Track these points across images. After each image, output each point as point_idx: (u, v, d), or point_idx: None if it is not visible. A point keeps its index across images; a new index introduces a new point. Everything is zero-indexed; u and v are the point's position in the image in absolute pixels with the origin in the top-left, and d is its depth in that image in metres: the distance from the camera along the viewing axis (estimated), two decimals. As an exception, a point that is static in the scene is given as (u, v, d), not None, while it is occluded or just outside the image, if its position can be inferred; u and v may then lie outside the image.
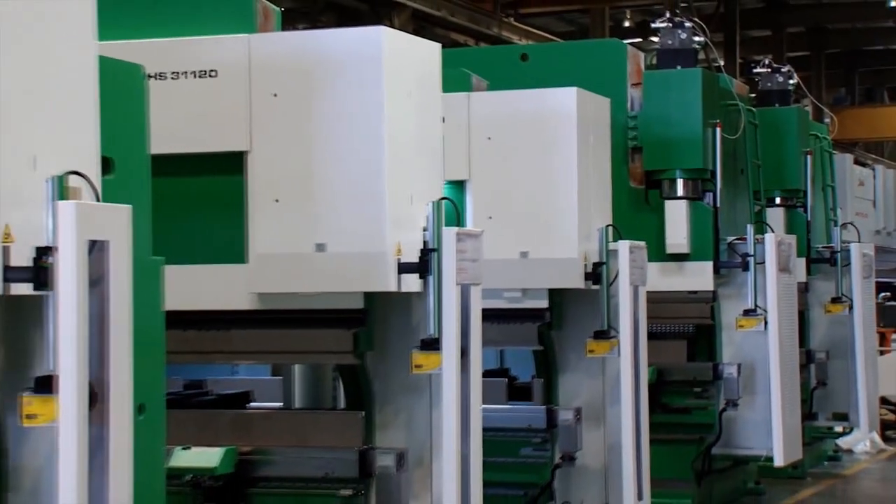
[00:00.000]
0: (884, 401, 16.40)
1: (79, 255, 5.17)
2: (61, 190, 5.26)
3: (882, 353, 16.34)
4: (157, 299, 6.05)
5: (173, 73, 7.53)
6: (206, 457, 7.39)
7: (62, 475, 5.15)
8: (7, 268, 5.10)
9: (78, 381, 5.13)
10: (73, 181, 5.31)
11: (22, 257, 5.18)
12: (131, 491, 5.44)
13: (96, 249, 5.29)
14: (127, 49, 6.53)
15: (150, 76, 6.44)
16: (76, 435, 5.14)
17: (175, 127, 7.11)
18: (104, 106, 5.65)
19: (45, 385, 5.14)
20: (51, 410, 5.13)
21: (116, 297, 5.36)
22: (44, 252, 5.19)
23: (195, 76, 7.58)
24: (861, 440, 15.62)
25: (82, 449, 5.16)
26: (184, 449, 7.37)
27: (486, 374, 8.54)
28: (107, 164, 5.70)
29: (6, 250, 5.11)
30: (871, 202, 18.65)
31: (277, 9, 8.04)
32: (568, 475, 9.97)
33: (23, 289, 5.16)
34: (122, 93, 6.01)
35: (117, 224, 5.41)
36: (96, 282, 5.27)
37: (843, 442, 15.78)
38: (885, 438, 16.50)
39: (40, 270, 5.17)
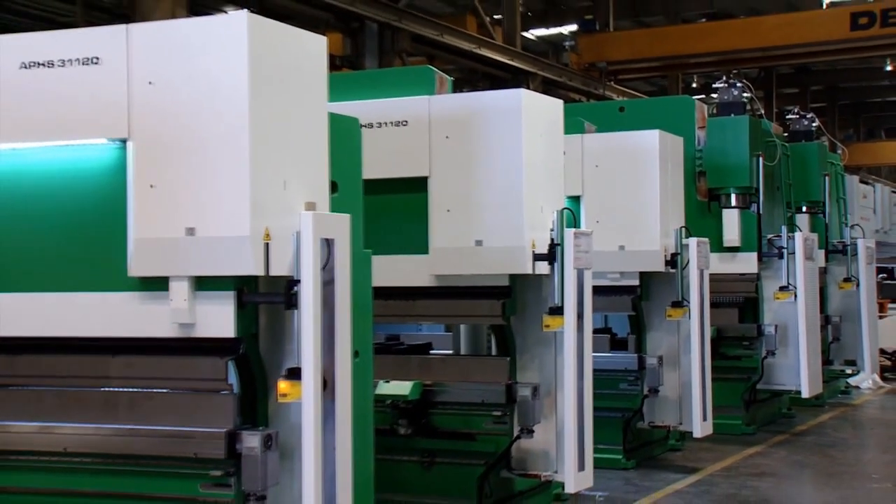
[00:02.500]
0: (882, 351, 16.18)
1: (315, 248, 5.37)
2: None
3: (881, 317, 16.08)
4: (367, 279, 6.16)
5: (378, 123, 7.59)
6: (400, 387, 7.50)
7: (304, 432, 5.33)
8: (268, 263, 5.29)
9: (315, 373, 5.32)
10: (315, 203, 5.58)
11: (280, 251, 5.35)
12: (350, 441, 5.57)
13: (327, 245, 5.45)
14: (348, 108, 6.63)
15: (362, 126, 6.57)
16: (313, 408, 5.33)
17: (379, 160, 7.09)
18: (332, 145, 5.86)
19: (294, 375, 5.31)
20: (297, 392, 5.31)
21: (340, 277, 5.54)
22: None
23: (393, 125, 7.66)
24: (865, 379, 15.35)
25: (318, 418, 5.35)
26: (385, 382, 7.47)
27: (595, 331, 8.51)
28: (334, 186, 5.90)
29: (267, 247, 5.28)
30: (871, 209, 18.39)
31: (450, 78, 8.15)
32: (653, 403, 9.97)
33: (282, 271, 5.36)
34: (343, 137, 6.11)
35: (340, 227, 5.62)
36: (327, 267, 5.43)
37: (852, 381, 15.51)
38: (884, 378, 16.25)
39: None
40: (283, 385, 5.31)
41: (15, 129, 5.74)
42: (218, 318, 5.38)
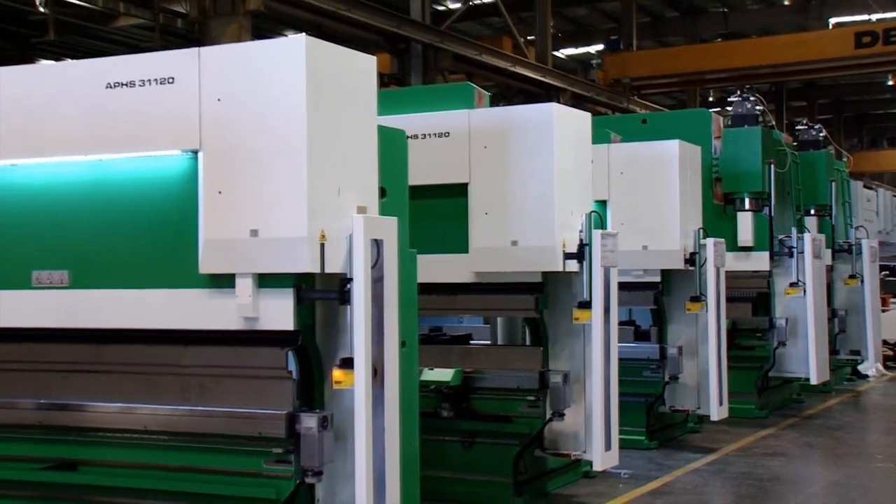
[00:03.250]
0: (885, 342, 16.01)
1: (366, 248, 5.41)
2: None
3: (884, 311, 15.92)
4: (413, 276, 6.17)
5: (422, 134, 7.60)
6: (443, 374, 7.52)
7: (356, 415, 5.38)
8: (324, 262, 5.32)
9: (365, 363, 5.36)
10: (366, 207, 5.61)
11: (335, 251, 5.38)
12: (397, 423, 5.61)
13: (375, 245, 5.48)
14: (395, 121, 6.63)
15: (408, 137, 6.59)
16: (364, 394, 5.37)
17: (424, 168, 7.05)
18: (381, 155, 5.88)
19: (347, 364, 5.35)
20: (350, 379, 5.35)
21: (388, 274, 5.57)
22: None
23: (436, 136, 7.67)
24: (869, 368, 15.16)
25: (368, 403, 5.39)
26: (429, 369, 7.48)
27: (621, 323, 8.45)
28: (382, 192, 5.91)
29: (322, 247, 5.31)
30: (874, 212, 18.23)
31: (487, 93, 8.14)
32: (673, 389, 9.91)
33: (336, 269, 5.38)
34: (391, 147, 6.13)
35: (388, 229, 5.64)
36: (376, 265, 5.45)
37: (858, 368, 15.38)
38: (886, 367, 16.07)
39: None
40: (337, 373, 5.35)
41: (100, 142, 5.82)
42: (278, 313, 5.42)
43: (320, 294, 5.51)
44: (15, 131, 6.02)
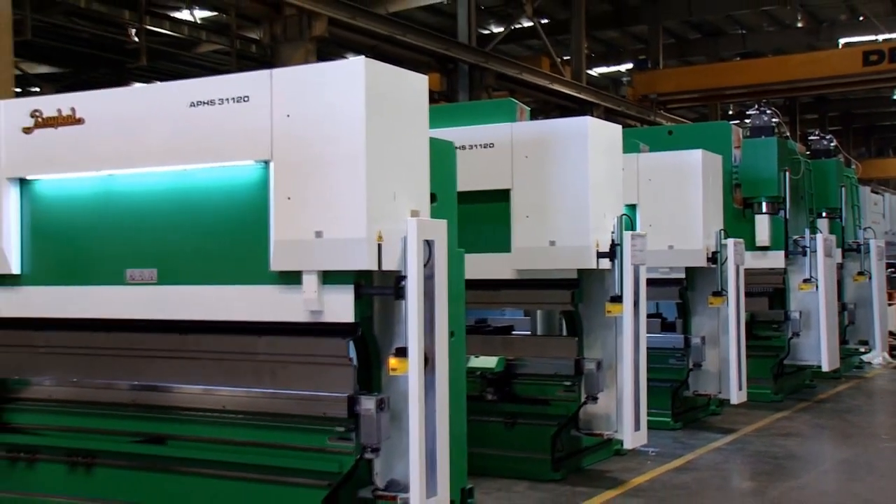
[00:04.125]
0: (891, 333, 15.81)
1: (419, 248, 5.41)
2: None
3: (890, 304, 15.74)
4: (461, 273, 6.16)
5: (469, 145, 7.59)
6: (488, 361, 7.53)
7: (410, 399, 5.38)
8: (381, 260, 5.33)
9: (418, 352, 5.35)
10: (418, 210, 5.60)
11: (391, 250, 5.36)
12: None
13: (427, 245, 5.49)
14: (445, 133, 6.64)
15: (456, 147, 6.59)
16: (417, 380, 5.37)
17: (471, 176, 7.09)
18: (432, 164, 5.85)
19: (402, 352, 5.34)
20: (404, 367, 5.34)
21: (439, 272, 5.56)
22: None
23: (481, 147, 7.67)
24: (876, 357, 15.00)
25: (420, 388, 5.39)
26: (475, 357, 7.49)
27: (649, 316, 8.40)
28: (433, 197, 5.89)
29: (379, 247, 5.30)
30: (881, 215, 17.99)
31: (528, 108, 8.11)
32: (697, 375, 9.82)
33: (392, 266, 5.38)
34: (441, 157, 6.13)
35: (439, 231, 5.61)
36: (428, 263, 5.46)
37: (865, 357, 15.16)
38: (892, 356, 15.86)
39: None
40: (392, 361, 5.35)
41: (184, 154, 5.87)
42: (340, 306, 5.41)
43: (377, 290, 5.49)
44: (112, 145, 6.10)
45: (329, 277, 5.43)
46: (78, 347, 6.45)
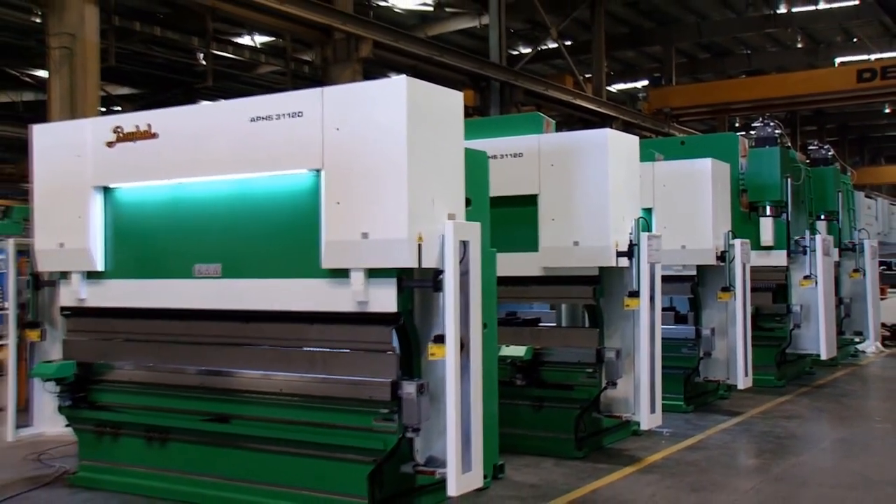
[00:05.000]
0: (883, 325, 15.63)
1: (455, 247, 5.38)
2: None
3: (882, 299, 15.56)
4: (493, 270, 6.14)
5: (500, 155, 7.51)
6: (517, 350, 7.44)
7: (447, 382, 5.35)
8: (420, 258, 5.32)
9: (455, 339, 5.33)
10: (454, 214, 5.54)
11: (430, 249, 5.37)
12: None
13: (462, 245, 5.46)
14: (478, 144, 6.63)
15: (489, 157, 6.55)
16: (454, 364, 5.34)
17: (502, 182, 7.02)
18: (467, 172, 5.81)
19: (440, 339, 5.34)
20: (442, 352, 5.34)
21: (473, 269, 5.52)
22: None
23: (511, 156, 7.60)
24: (870, 346, 14.82)
25: (457, 371, 5.36)
26: (506, 346, 7.41)
27: (663, 309, 8.24)
28: (468, 202, 5.85)
29: (419, 247, 5.29)
30: (874, 217, 17.85)
31: (553, 121, 8.02)
32: (707, 363, 9.62)
33: (430, 264, 5.35)
34: (475, 165, 6.10)
35: (473, 232, 5.58)
36: (463, 261, 5.42)
37: (859, 346, 14.97)
38: (885, 345, 15.68)
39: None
40: (432, 347, 5.34)
41: (245, 163, 5.90)
42: (384, 298, 5.41)
43: (418, 283, 5.46)
44: (182, 157, 6.15)
45: (374, 273, 5.42)
46: (153, 334, 6.53)
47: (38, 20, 14.70)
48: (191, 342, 6.34)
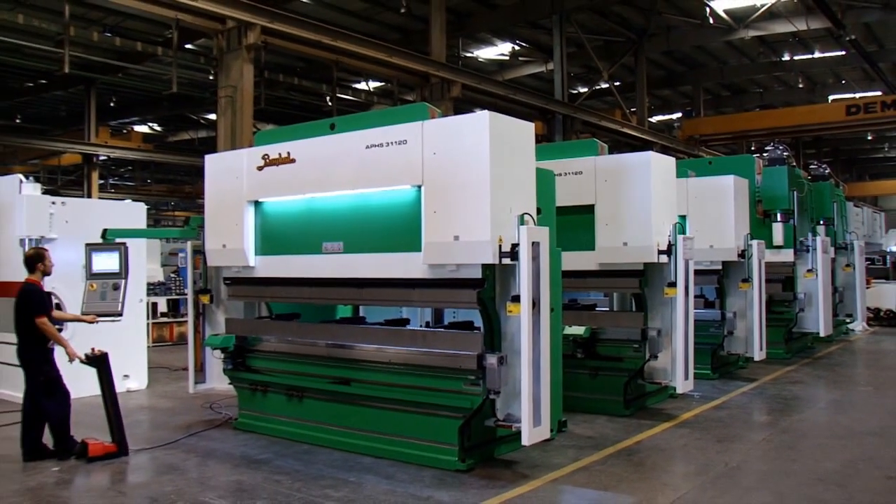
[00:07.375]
0: (869, 308, 15.45)
1: (528, 248, 5.19)
2: (521, 220, 5.26)
3: (868, 287, 15.22)
4: (558, 265, 5.95)
5: (564, 173, 7.32)
6: (578, 329, 7.30)
7: (522, 336, 5.18)
8: (503, 254, 5.15)
9: (528, 298, 5.15)
10: (527, 218, 5.30)
11: (507, 249, 5.18)
12: (548, 345, 5.37)
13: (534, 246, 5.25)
14: (547, 164, 6.46)
15: (555, 175, 6.37)
16: (528, 319, 5.16)
17: (566, 195, 6.97)
18: (538, 187, 5.61)
19: (516, 299, 5.17)
20: (517, 309, 5.17)
21: (542, 264, 5.33)
22: (515, 246, 5.19)
23: (573, 174, 7.37)
24: (858, 325, 14.57)
25: (529, 325, 5.18)
26: (569, 326, 7.27)
27: (695, 297, 7.85)
28: (538, 211, 5.66)
29: (499, 247, 5.13)
30: (861, 223, 17.89)
31: (606, 146, 7.73)
32: (730, 340, 9.31)
33: (508, 261, 5.19)
34: (544, 182, 5.90)
35: (543, 235, 5.38)
36: (535, 259, 5.23)
37: (850, 326, 14.44)
38: (870, 325, 15.21)
39: (514, 254, 5.19)
40: (510, 306, 5.19)
41: (362, 181, 5.83)
42: (472, 270, 5.26)
43: (502, 254, 5.12)
44: (314, 176, 6.13)
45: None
46: (291, 298, 6.45)
47: (211, 77, 15.13)
48: (321, 319, 6.26)
